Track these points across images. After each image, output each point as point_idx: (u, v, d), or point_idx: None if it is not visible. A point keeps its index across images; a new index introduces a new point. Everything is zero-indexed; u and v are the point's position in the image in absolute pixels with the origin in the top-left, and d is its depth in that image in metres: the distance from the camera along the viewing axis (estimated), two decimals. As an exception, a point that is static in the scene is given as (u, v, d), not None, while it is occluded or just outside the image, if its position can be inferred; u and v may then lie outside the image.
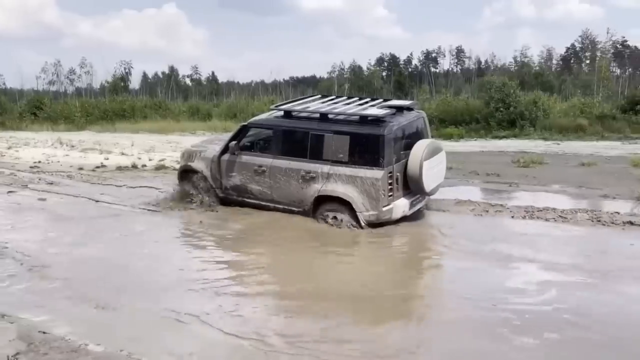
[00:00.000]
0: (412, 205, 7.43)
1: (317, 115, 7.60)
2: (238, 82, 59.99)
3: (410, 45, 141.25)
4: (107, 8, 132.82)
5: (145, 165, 13.45)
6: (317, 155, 7.35)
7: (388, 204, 7.01)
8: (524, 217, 7.74)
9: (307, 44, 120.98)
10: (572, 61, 68.32)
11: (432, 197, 8.16)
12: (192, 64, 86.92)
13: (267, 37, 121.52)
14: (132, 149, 16.51)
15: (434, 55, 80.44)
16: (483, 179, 11.46)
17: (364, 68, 62.87)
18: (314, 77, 78.74)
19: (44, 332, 4.04)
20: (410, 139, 7.48)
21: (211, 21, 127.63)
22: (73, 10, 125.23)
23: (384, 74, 71.47)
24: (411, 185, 7.31)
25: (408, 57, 78.35)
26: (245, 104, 30.46)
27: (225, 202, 8.32)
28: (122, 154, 15.49)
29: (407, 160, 7.20)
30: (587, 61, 63.69)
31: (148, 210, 8.39)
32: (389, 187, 6.98)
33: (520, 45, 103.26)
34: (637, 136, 18.92)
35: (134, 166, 13.37)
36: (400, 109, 7.68)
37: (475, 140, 22.17)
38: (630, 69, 39.45)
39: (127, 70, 56.74)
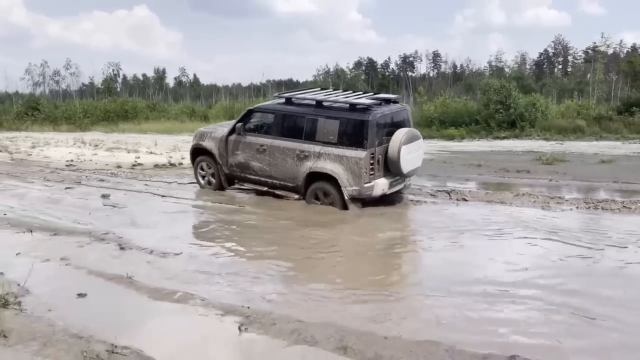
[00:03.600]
0: (391, 185, 8.39)
1: (314, 102, 8.60)
2: (223, 85, 59.74)
3: (385, 49, 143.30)
4: (76, 9, 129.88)
5: (181, 164, 13.64)
6: (311, 137, 8.35)
7: (369, 182, 7.95)
8: (588, 208, 8.38)
9: (282, 47, 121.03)
10: (544, 66, 70.81)
11: (486, 193, 8.76)
12: (180, 66, 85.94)
13: (241, 40, 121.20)
14: (156, 148, 16.63)
15: (410, 59, 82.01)
16: (516, 175, 12.10)
17: (347, 72, 63.43)
18: (290, 80, 79.19)
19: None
20: (393, 127, 8.40)
21: (183, 23, 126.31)
22: (41, 12, 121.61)
23: (362, 77, 72.54)
24: (391, 167, 8.24)
25: (386, 61, 79.65)
26: (242, 105, 30.62)
27: (230, 178, 9.53)
28: (151, 152, 15.62)
29: (388, 144, 8.14)
30: (560, 66, 66.21)
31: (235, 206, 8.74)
32: (371, 166, 7.92)
33: (495, 50, 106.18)
34: (634, 136, 20.04)
35: (172, 164, 13.56)
36: (386, 101, 8.74)
37: (478, 140, 23.01)
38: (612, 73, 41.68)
39: (115, 72, 55.97)
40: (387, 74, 77.30)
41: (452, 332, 3.81)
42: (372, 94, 9.48)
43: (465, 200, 9.27)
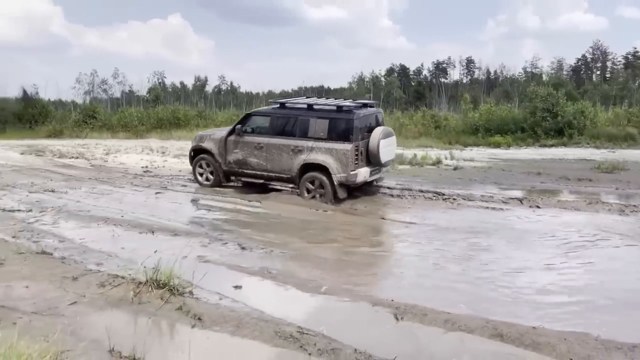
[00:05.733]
0: (371, 174, 10.07)
1: (305, 105, 10.32)
2: (258, 93, 61.22)
3: (415, 56, 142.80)
4: (112, 19, 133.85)
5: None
6: (304, 134, 9.95)
7: (354, 170, 9.50)
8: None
9: (312, 54, 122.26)
10: (582, 72, 69.87)
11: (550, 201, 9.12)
12: (219, 75, 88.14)
13: (271, 48, 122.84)
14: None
15: (443, 65, 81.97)
16: (579, 183, 12.39)
17: (381, 79, 63.92)
18: (322, 87, 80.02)
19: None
20: (371, 125, 10.18)
21: (216, 32, 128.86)
22: (79, 22, 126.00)
23: (396, 84, 72.87)
24: (371, 158, 9.87)
25: (418, 67, 79.86)
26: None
27: (228, 174, 11.04)
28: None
29: (369, 140, 9.80)
30: (598, 72, 65.22)
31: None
32: (355, 156, 9.51)
33: (529, 56, 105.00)
34: (688, 144, 20.02)
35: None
36: (365, 105, 10.54)
37: (525, 148, 23.17)
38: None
39: (160, 81, 57.91)
40: (419, 80, 77.47)
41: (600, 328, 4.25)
42: (351, 100, 11.38)
43: (539, 207, 9.66)
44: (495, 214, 9.10)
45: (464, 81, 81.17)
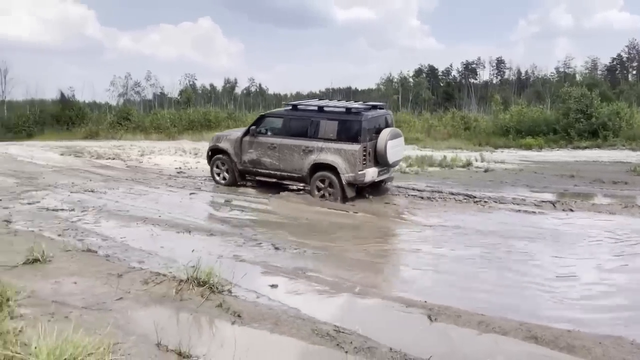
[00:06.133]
0: (379, 174, 10.28)
1: (316, 107, 10.62)
2: (286, 94, 61.83)
3: (444, 56, 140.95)
4: (144, 23, 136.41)
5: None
6: (314, 135, 10.26)
7: (362, 170, 9.75)
8: None
9: (340, 55, 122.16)
10: (617, 71, 68.02)
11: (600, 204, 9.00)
12: (249, 77, 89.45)
13: (300, 50, 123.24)
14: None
15: (473, 66, 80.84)
16: (614, 187, 12.16)
17: (410, 79, 63.53)
18: (349, 88, 79.95)
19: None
20: (380, 126, 10.35)
21: (245, 34, 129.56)
22: (113, 25, 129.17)
23: (425, 84, 72.30)
24: (379, 158, 10.06)
25: (447, 68, 78.94)
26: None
27: (243, 173, 11.49)
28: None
29: (377, 140, 9.99)
30: (634, 71, 63.39)
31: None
32: (363, 157, 9.75)
33: (562, 56, 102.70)
34: None
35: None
36: (374, 107, 10.72)
37: (558, 150, 22.77)
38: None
39: (191, 83, 59.03)
40: (448, 81, 76.63)
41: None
42: (362, 102, 11.51)
43: (572, 210, 9.56)
44: (528, 217, 9.04)
45: (494, 82, 79.97)
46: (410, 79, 64.82)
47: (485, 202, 10.17)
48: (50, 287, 5.03)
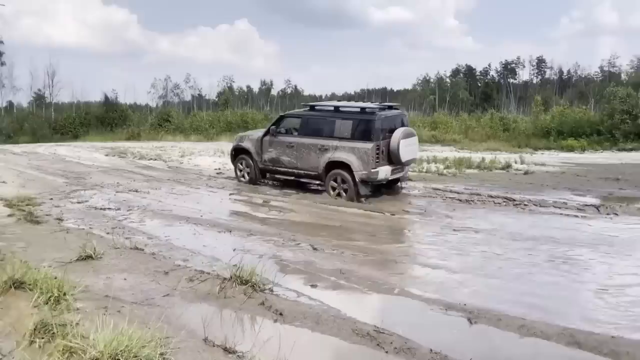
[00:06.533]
0: (393, 172, 10.56)
1: (332, 108, 11.14)
2: (321, 95, 62.14)
3: (482, 56, 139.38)
4: (183, 26, 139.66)
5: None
6: (330, 134, 10.68)
7: (375, 167, 10.06)
8: None
9: (376, 56, 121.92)
10: (665, 70, 65.21)
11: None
12: (285, 78, 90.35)
13: (335, 51, 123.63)
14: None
15: (512, 65, 79.11)
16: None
17: (447, 80, 62.77)
18: (385, 89, 79.48)
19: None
20: (395, 126, 10.58)
21: (281, 36, 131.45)
22: (153, 29, 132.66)
23: (463, 85, 71.19)
24: (392, 157, 10.32)
25: (485, 68, 77.52)
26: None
27: (263, 172, 12.04)
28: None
29: (390, 139, 10.23)
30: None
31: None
32: (376, 155, 10.06)
33: (607, 54, 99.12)
34: None
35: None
36: (389, 107, 11.13)
37: (602, 152, 22.14)
38: None
39: (229, 85, 60.22)
40: (486, 81, 75.25)
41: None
42: (378, 103, 11.77)
43: (617, 214, 9.31)
44: (570, 221, 8.86)
45: (534, 81, 78.14)
46: (447, 79, 64.06)
47: (525, 205, 10.02)
48: (102, 282, 5.29)
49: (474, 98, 61.66)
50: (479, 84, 73.28)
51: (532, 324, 4.38)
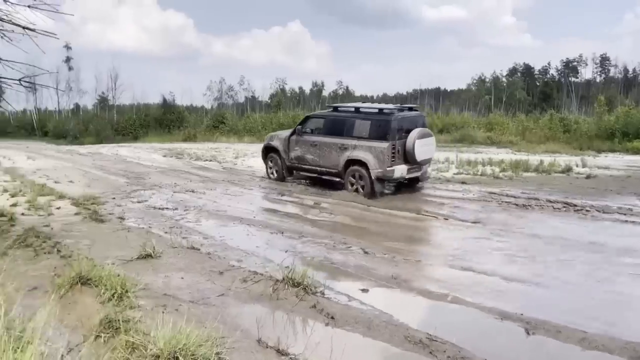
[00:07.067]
0: (409, 172, 10.99)
1: (353, 109, 11.66)
2: (373, 96, 61.90)
3: (541, 54, 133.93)
4: (237, 28, 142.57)
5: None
6: (349, 133, 11.22)
7: (391, 166, 10.56)
8: None
9: (428, 55, 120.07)
10: None
11: None
12: (337, 79, 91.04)
13: (387, 50, 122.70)
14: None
15: (573, 63, 75.74)
16: None
17: (503, 79, 60.91)
18: (438, 88, 78.00)
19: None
20: (411, 127, 10.94)
21: (332, 36, 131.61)
22: (208, 32, 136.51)
23: (520, 84, 68.88)
24: (408, 157, 10.76)
25: (544, 66, 74.62)
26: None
27: (290, 169, 12.77)
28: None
29: (406, 139, 10.67)
30: None
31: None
32: (392, 154, 10.53)
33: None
34: None
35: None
36: (409, 109, 11.53)
37: (672, 155, 20.81)
38: None
39: (281, 87, 61.17)
40: (546, 80, 72.43)
41: None
42: (399, 104, 11.96)
43: (689, 223, 8.73)
44: (635, 229, 8.39)
45: (597, 80, 74.48)
46: (504, 79, 62.13)
47: (587, 211, 9.57)
48: (161, 281, 5.51)
49: (531, 98, 59.51)
50: (537, 83, 70.64)
51: (593, 337, 4.20)
